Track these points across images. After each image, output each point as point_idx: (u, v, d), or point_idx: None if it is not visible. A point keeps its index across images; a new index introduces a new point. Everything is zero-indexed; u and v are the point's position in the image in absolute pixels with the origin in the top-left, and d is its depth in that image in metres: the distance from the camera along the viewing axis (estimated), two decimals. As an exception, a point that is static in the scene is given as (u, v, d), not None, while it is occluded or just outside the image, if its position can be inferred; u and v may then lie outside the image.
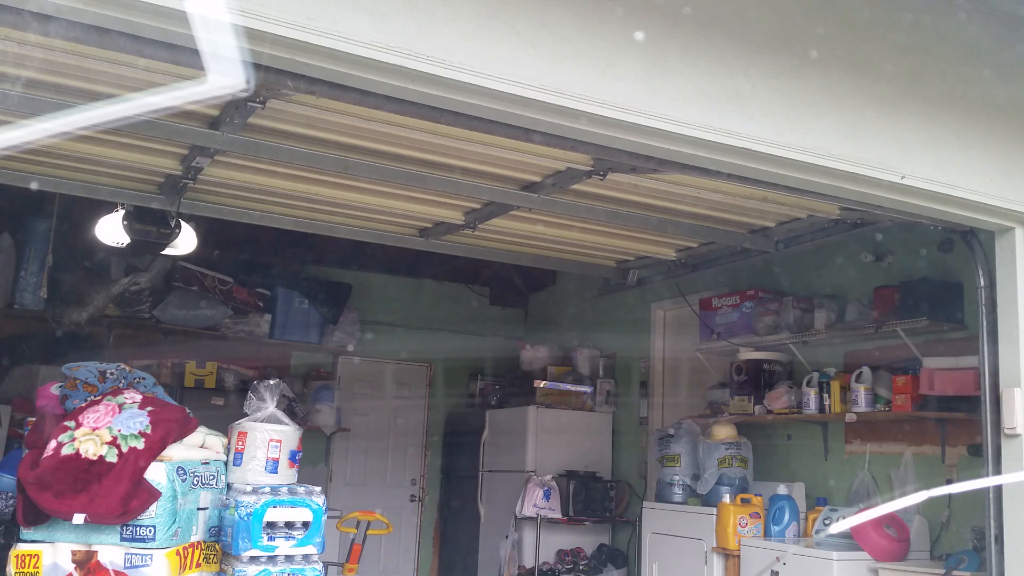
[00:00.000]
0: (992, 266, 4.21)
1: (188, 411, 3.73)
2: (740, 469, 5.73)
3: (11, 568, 3.24)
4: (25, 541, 3.32)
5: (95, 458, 3.34)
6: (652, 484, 6.66)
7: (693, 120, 3.18)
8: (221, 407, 6.90)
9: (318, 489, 3.71)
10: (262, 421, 3.81)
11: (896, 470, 5.16)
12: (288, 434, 3.83)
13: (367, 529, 5.57)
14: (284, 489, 3.62)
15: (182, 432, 3.59)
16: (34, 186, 4.86)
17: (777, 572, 4.94)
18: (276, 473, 3.74)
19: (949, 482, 4.85)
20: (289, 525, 3.56)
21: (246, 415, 3.87)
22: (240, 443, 3.76)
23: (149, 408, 3.56)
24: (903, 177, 3.62)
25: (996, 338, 4.11)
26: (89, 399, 3.67)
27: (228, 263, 7.47)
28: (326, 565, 4.03)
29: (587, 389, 7.58)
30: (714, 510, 5.48)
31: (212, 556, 3.61)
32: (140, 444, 3.40)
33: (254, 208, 5.38)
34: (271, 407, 3.87)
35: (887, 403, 5.03)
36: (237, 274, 7.50)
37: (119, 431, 3.41)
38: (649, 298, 7.18)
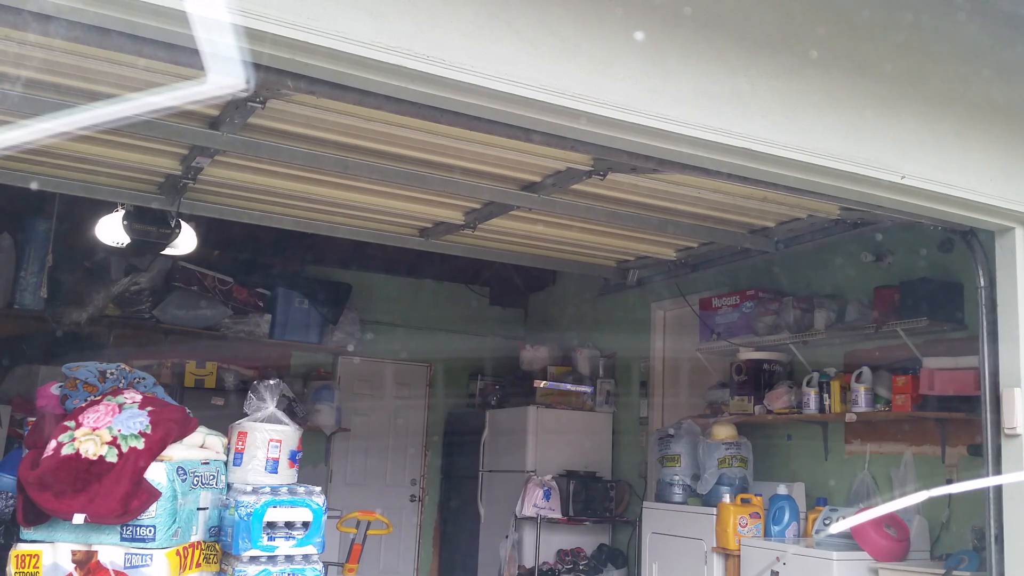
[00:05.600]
0: (992, 266, 4.21)
1: (188, 411, 3.73)
2: (740, 469, 5.73)
3: (11, 568, 3.24)
4: (25, 541, 3.32)
5: (95, 458, 3.34)
6: (652, 484, 6.66)
7: (693, 120, 3.18)
8: (221, 407, 6.90)
9: (318, 489, 3.71)
10: (262, 421, 3.81)
11: (896, 470, 5.16)
12: (288, 434, 3.83)
13: (367, 529, 5.57)
14: (284, 489, 3.62)
15: (182, 432, 3.59)
16: (34, 186, 4.85)
17: (777, 572, 4.94)
18: (276, 473, 3.74)
19: (949, 482, 4.85)
20: (289, 525, 3.56)
21: (246, 415, 3.87)
22: (240, 443, 3.76)
23: (149, 408, 3.56)
24: (903, 177, 3.62)
25: (996, 338, 4.11)
26: (89, 399, 3.67)
27: (228, 263, 7.47)
28: (326, 565, 4.03)
29: (587, 389, 7.58)
30: (714, 510, 5.48)
31: (212, 556, 3.61)
32: (140, 444, 3.40)
33: (254, 208, 5.38)
34: (271, 407, 3.88)
35: (887, 403, 5.03)
36: (237, 274, 7.50)
37: (119, 431, 3.41)
38: (649, 298, 7.18)
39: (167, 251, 5.64)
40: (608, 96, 3.03)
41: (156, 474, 3.39)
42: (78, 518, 3.24)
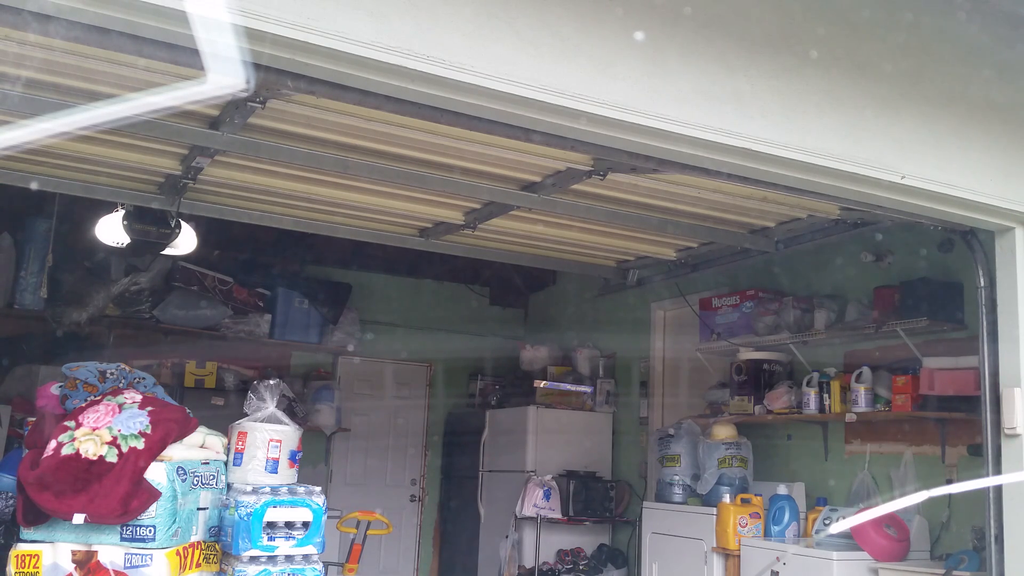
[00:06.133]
0: (992, 266, 4.21)
1: (188, 411, 3.73)
2: (740, 469, 5.73)
3: (11, 568, 3.24)
4: (25, 541, 3.32)
5: (95, 458, 3.34)
6: (652, 484, 6.66)
7: (693, 120, 3.18)
8: (221, 407, 6.90)
9: (318, 489, 3.71)
10: (262, 421, 3.82)
11: (896, 470, 5.16)
12: (288, 434, 3.83)
13: (367, 529, 5.57)
14: (284, 489, 3.62)
15: (182, 432, 3.59)
16: (34, 186, 4.85)
17: (777, 572, 4.94)
18: (276, 473, 3.75)
19: (949, 482, 4.85)
20: (289, 525, 3.56)
21: (246, 415, 3.87)
22: (240, 443, 3.76)
23: (149, 408, 3.56)
24: (903, 177, 3.62)
25: (996, 338, 4.11)
26: (89, 399, 3.67)
27: (228, 263, 7.48)
28: (326, 565, 4.03)
29: (587, 389, 7.58)
30: (714, 510, 5.48)
31: (212, 556, 3.62)
32: (140, 444, 3.40)
33: (254, 208, 5.37)
34: (271, 407, 3.88)
35: (887, 403, 5.03)
36: (237, 274, 7.50)
37: (119, 431, 3.42)
38: (649, 298, 7.18)
39: (167, 251, 5.64)
40: (608, 96, 3.03)
41: (156, 474, 3.39)
42: (78, 518, 3.24)
